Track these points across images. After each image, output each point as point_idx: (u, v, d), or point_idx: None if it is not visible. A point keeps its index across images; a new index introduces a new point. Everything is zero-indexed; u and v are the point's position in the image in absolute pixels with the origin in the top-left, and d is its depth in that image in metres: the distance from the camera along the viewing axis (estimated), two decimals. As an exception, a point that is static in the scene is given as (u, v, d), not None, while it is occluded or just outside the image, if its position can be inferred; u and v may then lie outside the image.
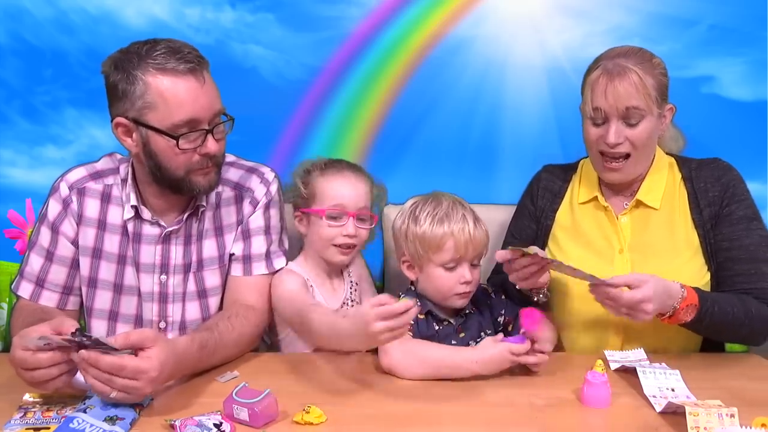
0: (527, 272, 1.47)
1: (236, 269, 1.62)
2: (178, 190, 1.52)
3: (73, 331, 1.20)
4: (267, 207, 1.63)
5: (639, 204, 1.63)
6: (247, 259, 1.62)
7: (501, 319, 1.62)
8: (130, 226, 1.58)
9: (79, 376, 1.30)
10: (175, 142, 1.44)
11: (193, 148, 1.47)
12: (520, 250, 1.42)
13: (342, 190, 1.64)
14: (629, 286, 1.38)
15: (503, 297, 1.64)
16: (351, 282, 1.73)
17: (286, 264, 1.67)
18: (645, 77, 1.51)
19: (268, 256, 1.63)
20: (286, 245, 1.70)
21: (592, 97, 1.55)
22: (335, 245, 1.64)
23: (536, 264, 1.45)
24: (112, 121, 1.49)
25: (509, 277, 1.51)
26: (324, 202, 1.64)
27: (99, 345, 1.19)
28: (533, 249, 1.43)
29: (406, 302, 1.25)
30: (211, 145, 1.48)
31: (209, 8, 2.14)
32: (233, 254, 1.62)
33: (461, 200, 1.59)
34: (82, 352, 1.20)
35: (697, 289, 1.47)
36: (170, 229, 1.58)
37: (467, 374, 1.41)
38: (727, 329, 1.51)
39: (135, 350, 1.23)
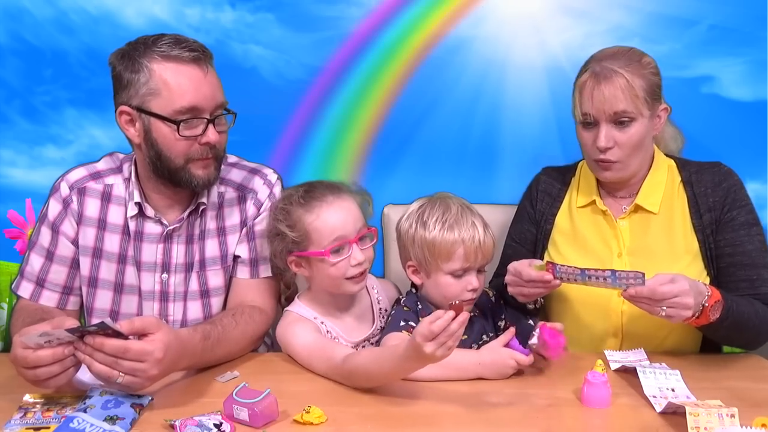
0: (534, 293, 1.48)
1: (242, 272, 1.62)
2: (177, 182, 1.52)
3: (74, 327, 1.20)
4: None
5: (638, 208, 1.63)
6: (253, 262, 1.61)
7: (501, 324, 1.61)
8: (132, 225, 1.58)
9: (80, 375, 1.30)
10: (176, 128, 1.45)
11: (193, 137, 1.48)
12: (544, 270, 1.44)
13: (335, 221, 1.47)
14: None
15: (502, 302, 1.64)
16: (380, 309, 1.61)
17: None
18: (633, 79, 1.50)
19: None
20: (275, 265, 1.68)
21: (581, 101, 1.55)
22: (348, 278, 1.50)
23: (546, 287, 1.46)
24: (116, 110, 1.50)
25: (509, 289, 1.51)
26: (322, 240, 1.47)
27: (106, 329, 1.19)
28: (555, 281, 1.45)
29: (449, 314, 1.21)
30: (212, 135, 1.48)
31: (209, 8, 2.14)
32: (238, 257, 1.61)
33: (469, 204, 1.55)
34: (87, 338, 1.20)
35: (716, 287, 1.46)
36: (172, 227, 1.58)
37: (471, 376, 1.41)
38: (742, 330, 1.49)
39: (139, 336, 1.24)
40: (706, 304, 1.40)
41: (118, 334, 1.21)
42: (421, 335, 1.21)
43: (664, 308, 1.36)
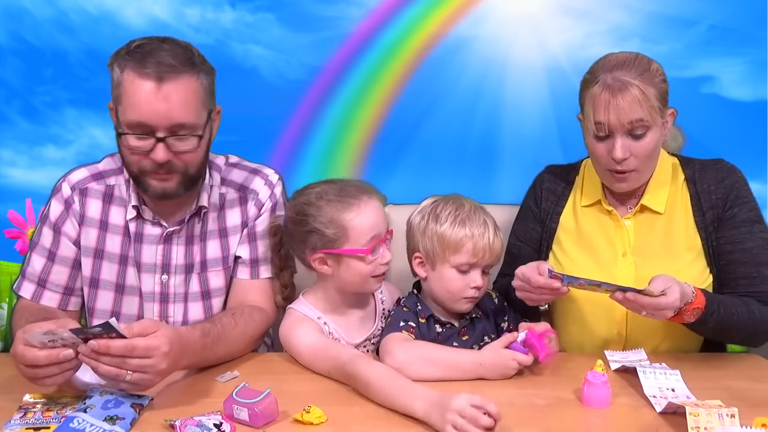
0: (542, 299, 1.48)
1: (243, 272, 1.62)
2: (141, 189, 1.52)
3: (78, 328, 1.20)
4: (273, 210, 1.63)
5: (643, 208, 1.63)
6: (254, 263, 1.61)
7: (504, 326, 1.62)
8: (132, 227, 1.58)
9: (80, 375, 1.30)
10: (123, 138, 1.45)
11: (141, 151, 1.44)
12: (560, 277, 1.43)
13: (373, 220, 1.49)
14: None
15: (505, 303, 1.64)
16: (383, 309, 1.62)
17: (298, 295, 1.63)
18: (647, 89, 1.48)
19: None
20: (274, 266, 1.66)
21: (594, 112, 1.51)
22: (374, 276, 1.51)
23: (554, 294, 1.46)
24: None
25: (517, 293, 1.50)
26: (360, 238, 1.48)
27: (110, 330, 1.19)
28: (563, 288, 1.44)
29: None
30: (157, 154, 1.43)
31: (209, 8, 2.14)
32: (239, 257, 1.61)
33: (481, 206, 1.57)
34: (92, 342, 1.19)
35: (705, 293, 1.46)
36: (171, 229, 1.58)
37: (473, 376, 1.41)
38: (730, 331, 1.51)
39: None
40: (684, 308, 1.41)
41: (121, 336, 1.21)
42: (462, 411, 1.16)
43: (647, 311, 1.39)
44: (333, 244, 1.49)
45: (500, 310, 1.63)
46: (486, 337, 1.57)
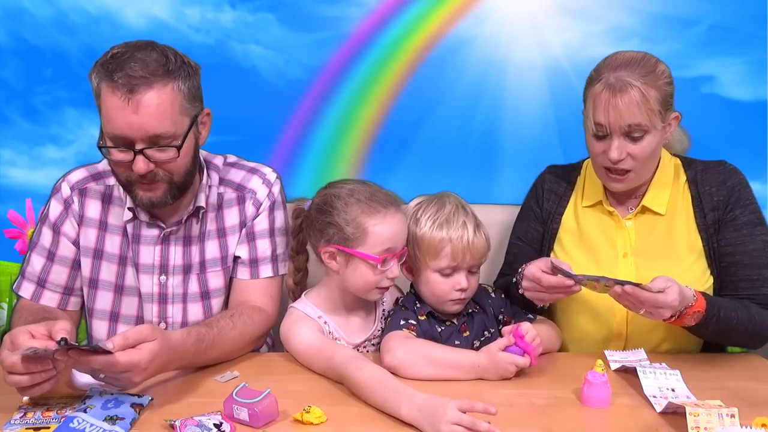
0: (554, 298, 1.49)
1: (243, 272, 1.62)
2: (131, 198, 1.52)
3: (59, 339, 1.19)
4: (271, 209, 1.63)
5: (644, 209, 1.62)
6: (253, 263, 1.61)
7: (501, 317, 1.62)
8: (130, 228, 1.58)
9: (79, 376, 1.30)
10: (105, 149, 1.44)
11: (123, 162, 1.43)
12: (573, 276, 1.43)
13: (393, 231, 1.48)
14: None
15: (503, 296, 1.64)
16: (383, 311, 1.62)
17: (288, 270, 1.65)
18: (648, 91, 1.47)
19: (274, 259, 1.63)
20: (291, 248, 1.68)
21: (594, 111, 1.51)
22: (378, 287, 1.51)
23: (566, 292, 1.46)
24: None
25: (527, 294, 1.50)
26: (375, 245, 1.47)
27: (97, 349, 1.19)
28: (576, 287, 1.44)
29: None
30: (137, 166, 1.41)
31: (209, 8, 2.14)
32: (239, 257, 1.61)
33: (465, 204, 1.56)
34: (72, 352, 1.19)
35: (706, 296, 1.46)
36: (169, 229, 1.58)
37: (471, 376, 1.41)
38: (729, 335, 1.51)
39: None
40: (684, 311, 1.41)
41: (107, 352, 1.20)
42: (460, 421, 1.16)
43: (645, 309, 1.39)
44: (348, 243, 1.48)
45: (497, 302, 1.63)
46: (486, 332, 1.57)
